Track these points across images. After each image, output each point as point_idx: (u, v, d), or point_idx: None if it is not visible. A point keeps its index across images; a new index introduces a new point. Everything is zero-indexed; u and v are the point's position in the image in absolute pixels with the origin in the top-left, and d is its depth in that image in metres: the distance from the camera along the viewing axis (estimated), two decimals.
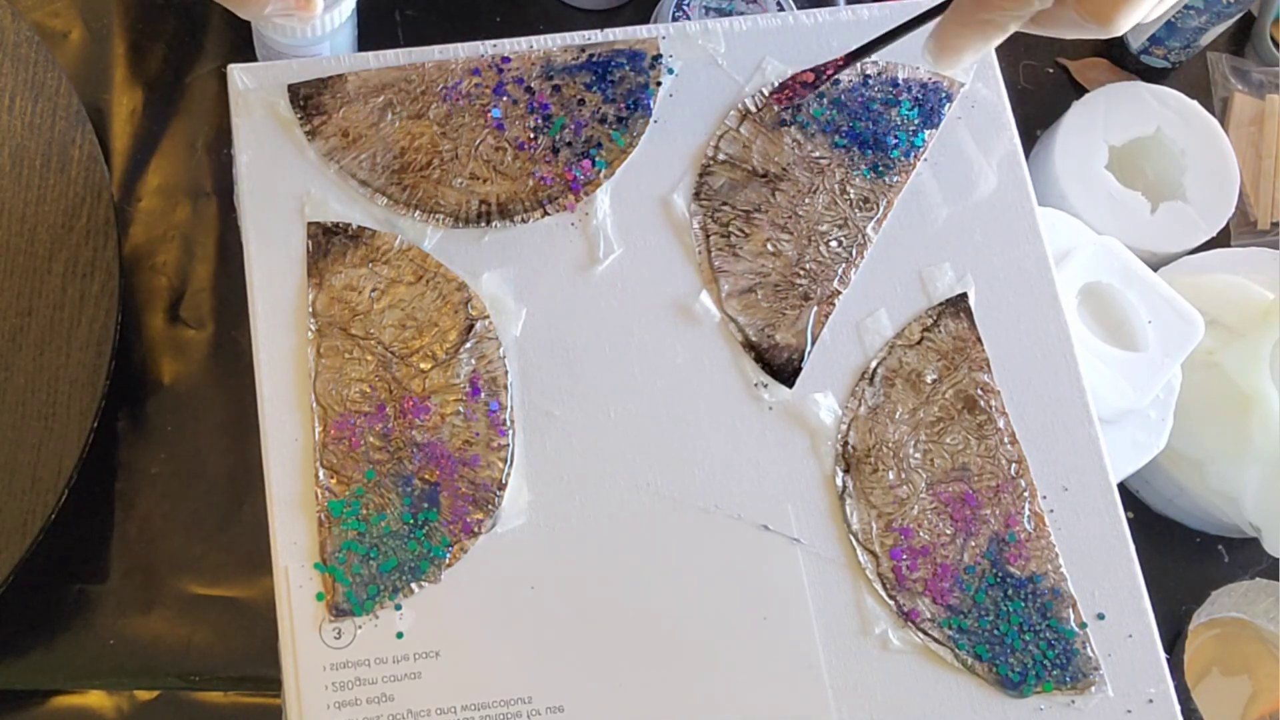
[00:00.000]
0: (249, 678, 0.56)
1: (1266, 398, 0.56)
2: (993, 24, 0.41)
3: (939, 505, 0.46)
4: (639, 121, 0.50)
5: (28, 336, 0.55)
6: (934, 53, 0.43)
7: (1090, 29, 0.40)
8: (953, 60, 0.43)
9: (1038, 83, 0.69)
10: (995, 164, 0.51)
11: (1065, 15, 0.40)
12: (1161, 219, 0.63)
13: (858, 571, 0.45)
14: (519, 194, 0.49)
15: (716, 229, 0.49)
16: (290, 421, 0.45)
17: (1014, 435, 0.47)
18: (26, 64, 0.58)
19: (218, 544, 0.57)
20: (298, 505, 0.44)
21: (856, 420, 0.47)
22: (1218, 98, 0.71)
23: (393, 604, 0.44)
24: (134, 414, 0.59)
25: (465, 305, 0.47)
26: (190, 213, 0.62)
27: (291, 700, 0.43)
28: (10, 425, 0.53)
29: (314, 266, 0.47)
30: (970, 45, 0.43)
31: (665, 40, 0.51)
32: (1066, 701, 0.44)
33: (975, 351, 0.48)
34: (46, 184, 0.57)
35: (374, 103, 0.49)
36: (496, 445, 0.46)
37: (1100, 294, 0.57)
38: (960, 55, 0.43)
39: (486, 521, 0.45)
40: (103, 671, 0.56)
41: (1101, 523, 0.46)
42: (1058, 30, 0.41)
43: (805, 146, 0.50)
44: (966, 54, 0.43)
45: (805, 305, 0.48)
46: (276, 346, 0.46)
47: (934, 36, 0.43)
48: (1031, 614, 0.45)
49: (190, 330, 0.60)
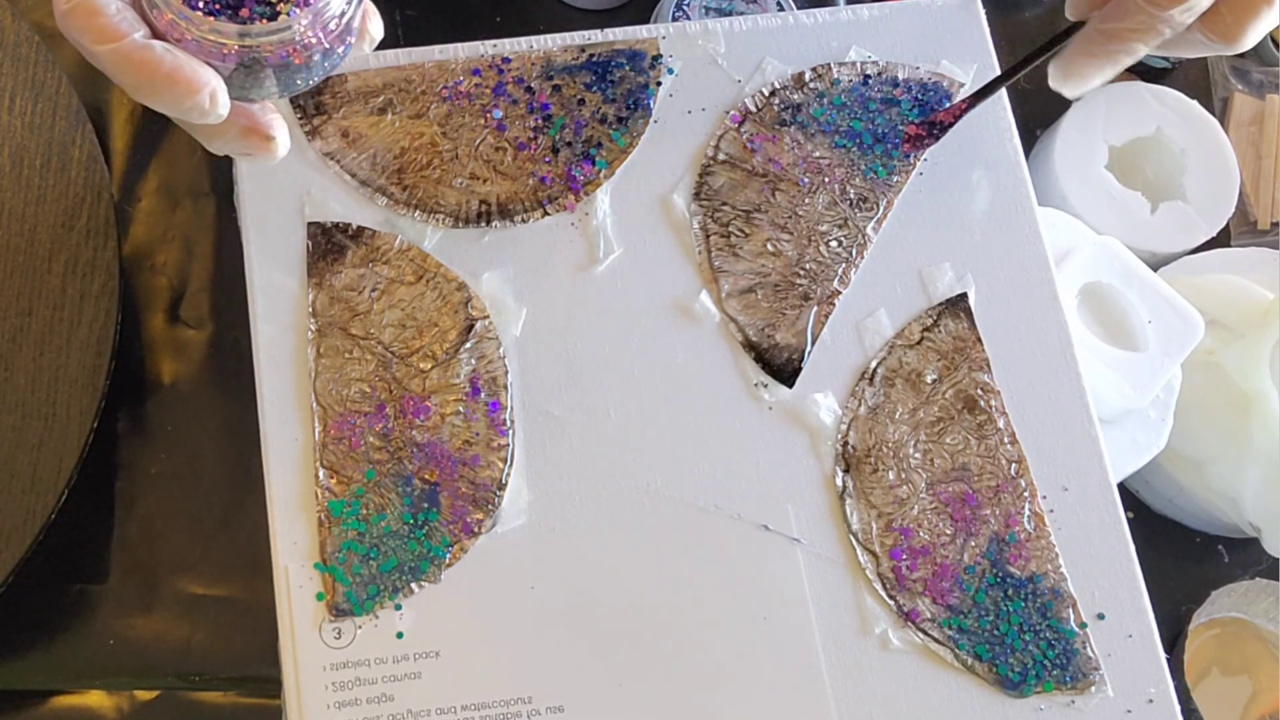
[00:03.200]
0: (249, 678, 0.56)
1: (1266, 398, 0.56)
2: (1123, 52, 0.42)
3: (939, 505, 0.46)
4: (639, 121, 0.50)
5: (28, 336, 0.55)
6: (1062, 79, 0.44)
7: (1216, 47, 0.41)
8: (1079, 86, 0.44)
9: (1038, 83, 0.69)
10: (995, 164, 0.51)
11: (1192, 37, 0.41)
12: (1161, 219, 0.63)
13: (858, 571, 0.45)
14: (519, 194, 0.49)
15: (716, 229, 0.49)
16: (290, 421, 0.45)
17: (1014, 435, 0.47)
18: (26, 64, 0.58)
19: (218, 544, 0.57)
20: (298, 505, 0.44)
21: (856, 420, 0.47)
22: (1218, 98, 0.70)
23: (393, 604, 0.44)
24: (134, 414, 0.59)
25: (465, 305, 0.47)
26: (190, 213, 0.62)
27: (291, 700, 0.43)
28: (10, 425, 0.53)
29: (314, 266, 0.47)
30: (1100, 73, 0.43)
31: (665, 40, 0.51)
32: (1066, 701, 0.44)
33: (975, 351, 0.48)
34: (46, 184, 0.57)
35: (374, 103, 0.49)
36: (496, 445, 0.46)
37: (1100, 294, 0.57)
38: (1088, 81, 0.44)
39: (486, 521, 0.45)
40: (103, 671, 0.55)
41: (1101, 523, 0.46)
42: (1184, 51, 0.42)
43: (805, 146, 0.50)
44: (1094, 81, 0.44)
45: (805, 305, 0.48)
46: (276, 346, 0.46)
47: (1061, 64, 0.44)
48: (1031, 614, 0.45)
49: (190, 330, 0.60)
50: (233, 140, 0.39)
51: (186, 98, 0.35)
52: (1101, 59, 0.42)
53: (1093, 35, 0.43)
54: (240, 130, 0.38)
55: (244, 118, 0.38)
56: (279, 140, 0.39)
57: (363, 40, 0.39)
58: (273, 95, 0.38)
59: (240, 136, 0.38)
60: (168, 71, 0.35)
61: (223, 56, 0.36)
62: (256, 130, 0.38)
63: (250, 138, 0.39)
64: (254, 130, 0.38)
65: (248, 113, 0.38)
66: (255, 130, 0.38)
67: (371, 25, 0.39)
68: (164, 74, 0.35)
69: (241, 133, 0.38)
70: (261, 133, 0.39)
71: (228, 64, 0.36)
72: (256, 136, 0.39)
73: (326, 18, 0.37)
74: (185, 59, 0.35)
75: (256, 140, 0.39)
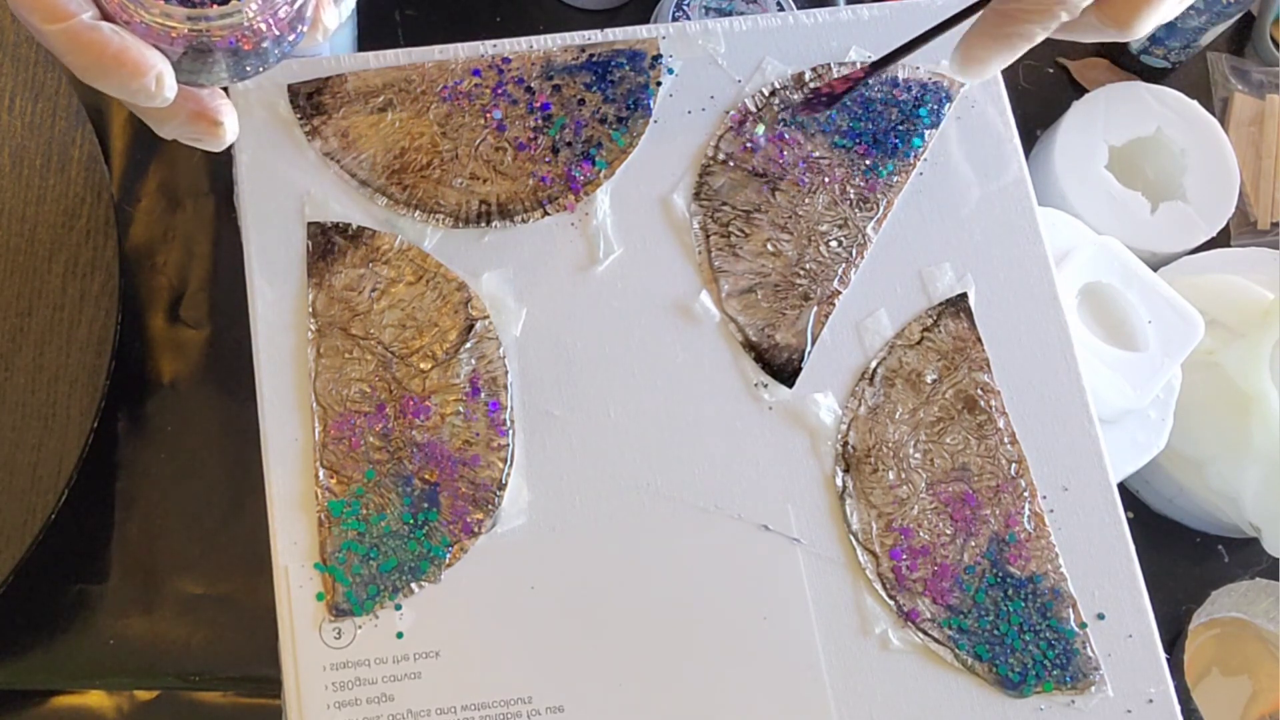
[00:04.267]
0: (249, 678, 0.56)
1: (1266, 398, 0.56)
2: (1019, 35, 0.42)
3: (939, 505, 0.46)
4: (639, 121, 0.50)
5: (28, 336, 0.55)
6: (961, 64, 0.44)
7: (1110, 34, 0.41)
8: (979, 71, 0.44)
9: (1038, 83, 0.69)
10: (995, 164, 0.51)
11: (1086, 21, 0.41)
12: (1161, 219, 0.63)
13: (858, 571, 0.45)
14: (519, 194, 0.49)
15: (716, 229, 0.49)
16: (290, 421, 0.45)
17: (1014, 435, 0.47)
18: (26, 64, 0.58)
19: (218, 544, 0.57)
20: (298, 505, 0.44)
21: (856, 420, 0.47)
22: (1218, 98, 0.71)
23: (393, 604, 0.44)
24: (134, 414, 0.59)
25: (465, 305, 0.47)
26: (190, 213, 0.62)
27: (291, 700, 0.43)
28: (10, 425, 0.53)
29: (314, 266, 0.47)
30: (997, 57, 0.43)
31: (665, 40, 0.51)
32: (1066, 701, 0.44)
33: (975, 351, 0.48)
34: (46, 184, 0.57)
35: (374, 103, 0.49)
36: (496, 445, 0.46)
37: (1100, 294, 0.57)
38: (987, 66, 0.43)
39: (486, 521, 0.45)
40: (103, 671, 0.56)
41: (1101, 523, 0.46)
42: (1078, 35, 0.42)
43: (805, 146, 0.50)
44: (993, 65, 0.43)
45: (805, 305, 0.48)
46: (276, 346, 0.46)
47: (961, 49, 0.44)
48: (1031, 614, 0.45)
49: (190, 330, 0.60)
50: (181, 124, 0.39)
51: (133, 79, 0.35)
52: (1000, 42, 0.42)
53: (991, 17, 0.42)
54: (188, 114, 0.38)
55: (192, 102, 0.38)
56: (227, 126, 0.39)
57: (315, 30, 0.39)
58: (223, 81, 0.38)
59: (188, 121, 0.39)
60: (115, 52, 0.35)
61: (171, 40, 0.36)
62: (204, 115, 0.39)
63: (198, 122, 0.39)
64: (202, 115, 0.39)
65: (196, 97, 0.38)
66: (203, 115, 0.39)
67: (325, 16, 0.39)
68: (111, 54, 0.35)
69: (190, 117, 0.39)
70: (210, 118, 0.39)
71: (176, 48, 0.36)
72: (205, 121, 0.39)
73: (277, 4, 0.37)
74: (133, 41, 0.36)
75: (205, 125, 0.39)
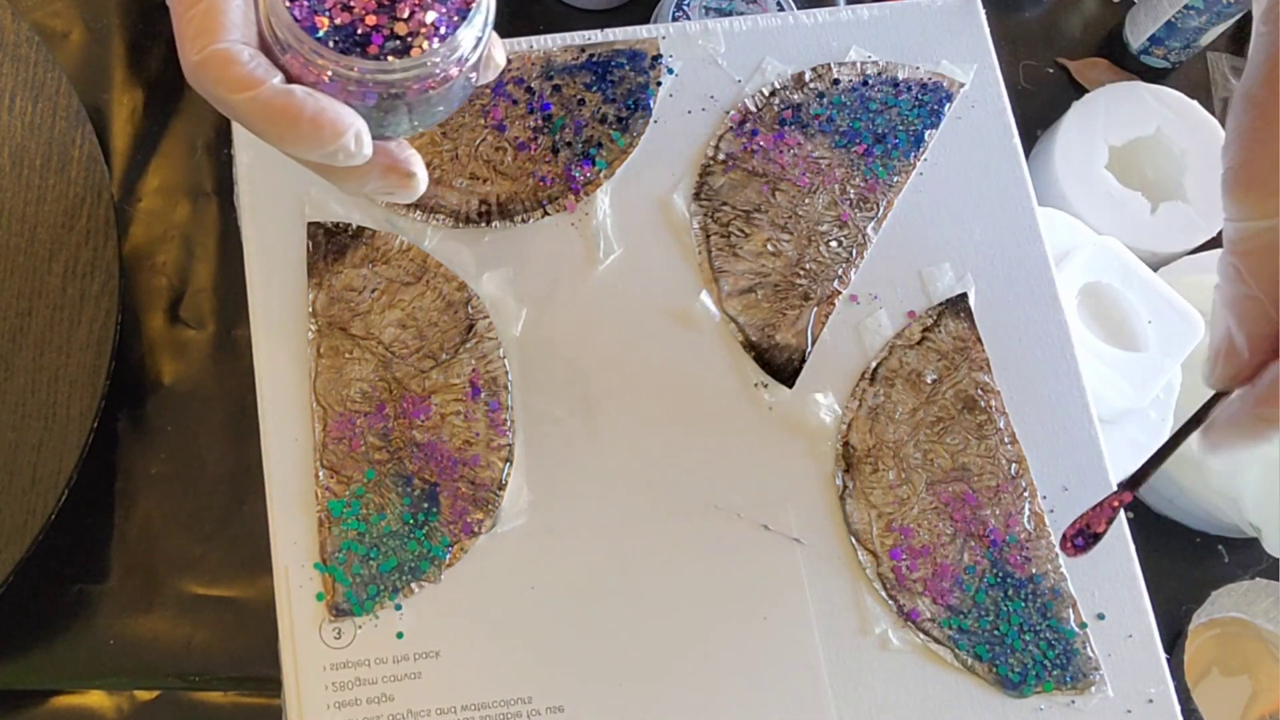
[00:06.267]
0: (249, 678, 0.56)
1: None
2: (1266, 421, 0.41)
3: (939, 505, 0.46)
4: (639, 121, 0.50)
5: (28, 336, 0.55)
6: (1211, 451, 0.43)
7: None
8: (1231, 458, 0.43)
9: (1038, 83, 0.69)
10: (995, 164, 0.51)
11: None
12: (1161, 219, 0.63)
13: (858, 571, 0.45)
14: (519, 194, 0.49)
15: (716, 229, 0.49)
16: (290, 421, 0.45)
17: (1014, 435, 0.47)
18: (26, 64, 0.58)
19: (218, 544, 0.57)
20: (298, 505, 0.44)
21: (856, 420, 0.47)
22: (1218, 98, 0.70)
23: (393, 604, 0.44)
24: (134, 414, 0.59)
25: (465, 305, 0.47)
26: (190, 213, 0.62)
27: (291, 700, 0.43)
28: (10, 425, 0.53)
29: (314, 266, 0.47)
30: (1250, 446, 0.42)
31: (665, 40, 0.51)
32: (1066, 701, 0.44)
33: (975, 351, 0.48)
34: (46, 184, 0.57)
35: None
36: (496, 445, 0.46)
37: (1100, 294, 0.57)
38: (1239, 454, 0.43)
39: (486, 521, 0.45)
40: (103, 671, 0.55)
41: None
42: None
43: (805, 146, 0.50)
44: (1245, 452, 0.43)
45: (805, 305, 0.48)
46: (276, 346, 0.46)
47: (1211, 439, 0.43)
48: (1031, 614, 0.45)
49: (190, 330, 0.60)
50: (373, 180, 0.37)
51: (332, 141, 0.34)
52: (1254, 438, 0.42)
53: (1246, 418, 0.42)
54: (381, 170, 0.37)
55: (384, 156, 0.37)
56: (419, 175, 0.38)
57: (489, 67, 0.38)
58: (406, 132, 0.37)
59: (381, 175, 0.37)
60: (311, 115, 0.34)
61: (363, 95, 0.35)
62: (396, 168, 0.37)
63: (390, 176, 0.37)
64: (393, 168, 0.37)
65: (385, 150, 0.37)
66: (395, 168, 0.37)
67: (496, 53, 0.38)
68: (308, 118, 0.34)
69: (382, 172, 0.37)
70: (402, 170, 0.37)
71: (368, 102, 0.35)
72: (396, 174, 0.37)
73: (465, 49, 0.35)
74: (327, 101, 0.34)
75: (397, 178, 0.37)
